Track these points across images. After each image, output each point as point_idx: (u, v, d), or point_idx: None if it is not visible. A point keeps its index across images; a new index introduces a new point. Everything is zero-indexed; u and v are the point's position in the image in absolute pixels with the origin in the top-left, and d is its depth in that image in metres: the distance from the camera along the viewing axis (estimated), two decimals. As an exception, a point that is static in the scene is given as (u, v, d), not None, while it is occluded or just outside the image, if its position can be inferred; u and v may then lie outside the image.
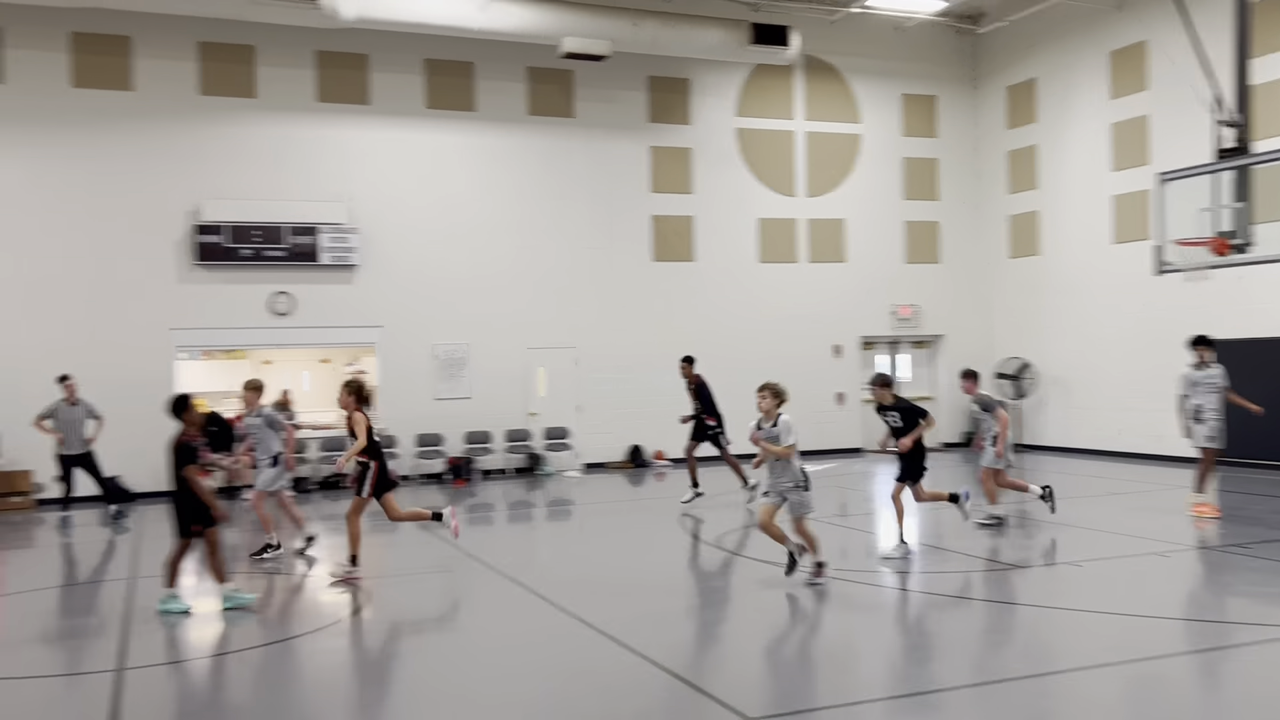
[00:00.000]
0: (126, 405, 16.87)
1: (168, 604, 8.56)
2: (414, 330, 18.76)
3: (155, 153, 17.30)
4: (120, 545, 12.79)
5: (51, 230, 16.72)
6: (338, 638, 8.03)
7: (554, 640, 7.66)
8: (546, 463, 19.49)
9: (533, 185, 19.66)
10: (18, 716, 6.19)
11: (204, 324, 17.65)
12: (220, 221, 17.48)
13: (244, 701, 6.54)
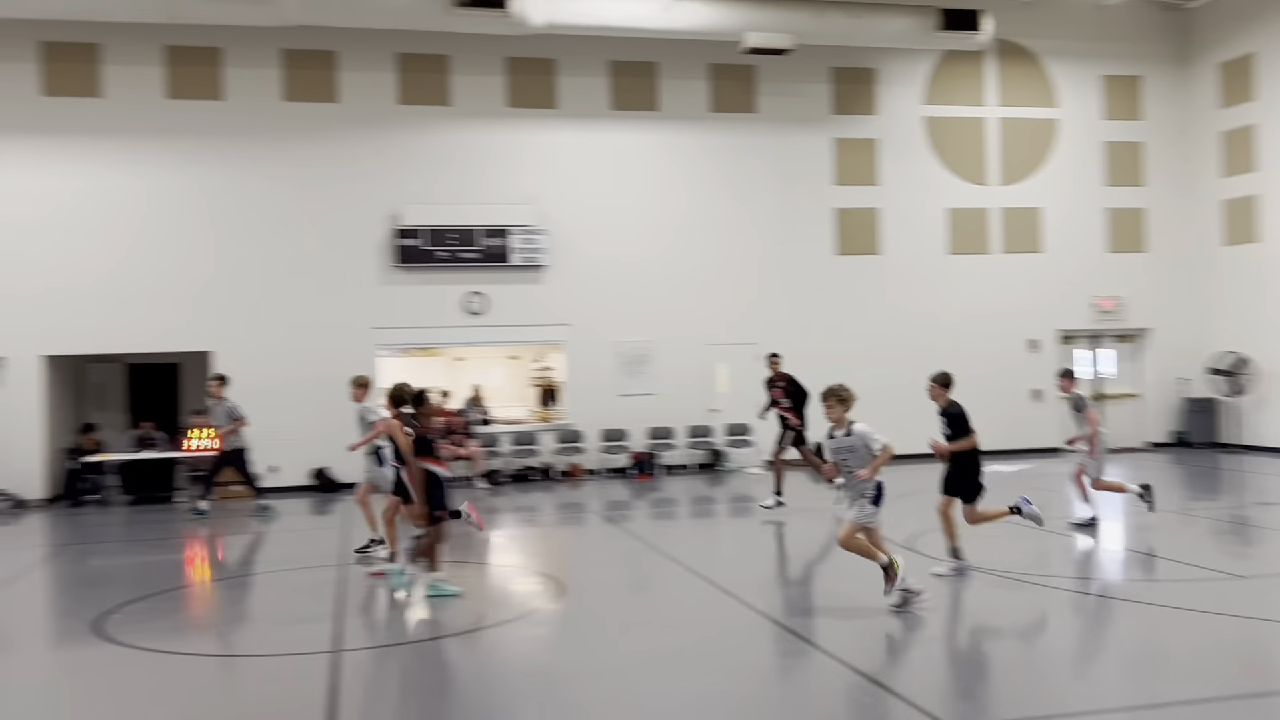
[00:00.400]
0: (334, 400, 17.88)
1: (438, 588, 8.90)
2: (599, 328, 19.09)
3: (358, 161, 18.22)
4: (322, 532, 13.52)
5: (264, 235, 17.83)
6: (536, 627, 8.24)
7: (739, 636, 7.63)
8: (728, 459, 19.48)
9: (715, 182, 19.68)
10: (244, 693, 6.62)
11: (403, 323, 18.48)
12: (418, 226, 18.26)
13: (448, 684, 6.79)
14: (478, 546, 11.70)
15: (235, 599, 10.00)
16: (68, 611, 9.40)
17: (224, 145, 17.72)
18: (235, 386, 17.49)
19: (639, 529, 12.98)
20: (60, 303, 17.00)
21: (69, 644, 8.17)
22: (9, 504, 16.53)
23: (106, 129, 17.26)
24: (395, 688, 6.73)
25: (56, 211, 17.07)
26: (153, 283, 17.32)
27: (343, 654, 7.33)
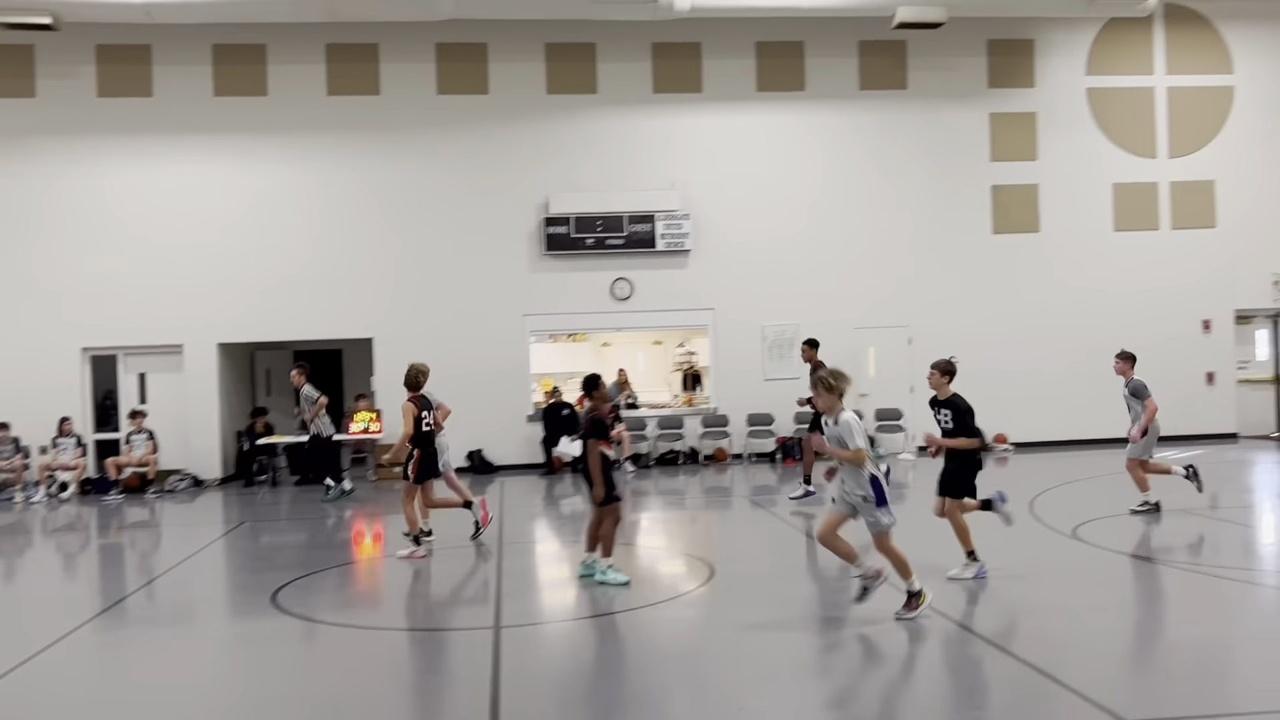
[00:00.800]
0: (487, 384, 18.38)
1: (606, 575, 8.93)
2: (744, 311, 18.99)
3: (509, 151, 18.57)
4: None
5: (420, 225, 18.38)
6: (685, 609, 8.26)
7: (885, 620, 7.47)
8: (878, 444, 19.11)
9: (863, 161, 19.29)
10: (412, 665, 6.86)
11: (552, 309, 18.79)
12: (566, 213, 18.51)
13: (602, 662, 6.87)
14: (626, 529, 11.80)
15: (398, 576, 10.37)
16: (245, 585, 9.92)
17: (381, 139, 18.32)
18: (393, 371, 18.13)
19: (786, 514, 12.86)
20: (232, 293, 17.93)
21: (248, 616, 8.62)
22: (188, 483, 17.57)
23: (272, 126, 18.07)
24: (553, 664, 6.86)
25: (228, 206, 18.00)
26: (317, 273, 18.09)
27: (502, 630, 7.51)
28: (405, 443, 10.75)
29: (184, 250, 17.85)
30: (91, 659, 7.47)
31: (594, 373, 9.52)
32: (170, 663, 7.22)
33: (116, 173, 17.76)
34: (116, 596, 9.49)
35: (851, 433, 7.44)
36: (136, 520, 14.49)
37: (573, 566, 10.11)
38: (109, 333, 17.82)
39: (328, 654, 7.29)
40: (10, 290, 17.53)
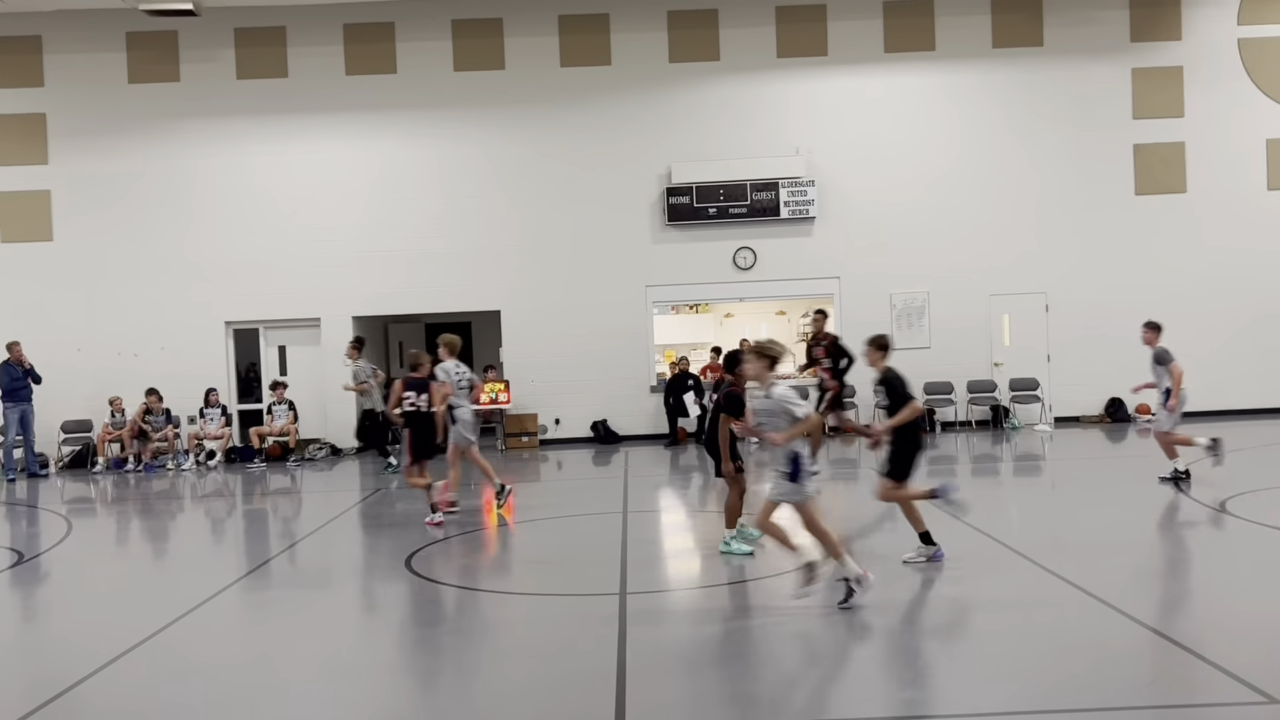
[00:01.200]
0: (611, 355, 18.51)
1: (731, 545, 8.94)
2: (872, 280, 18.60)
3: (631, 122, 18.56)
4: (602, 481, 13.99)
5: (545, 198, 18.54)
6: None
7: (1036, 600, 7.23)
8: (1013, 415, 18.54)
9: (995, 122, 18.62)
10: (541, 628, 6.95)
11: (674, 280, 18.75)
12: (688, 183, 18.42)
13: (727, 631, 6.84)
14: (751, 501, 11.72)
15: (527, 542, 10.54)
16: (379, 550, 10.23)
17: (506, 113, 18.52)
18: (520, 343, 18.47)
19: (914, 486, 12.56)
20: (366, 267, 18.45)
21: (383, 579, 8.88)
22: (326, 452, 18.21)
23: (402, 103, 18.45)
24: (678, 631, 6.86)
25: (360, 182, 18.49)
26: (445, 246, 18.46)
27: (629, 596, 7.56)
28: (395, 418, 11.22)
29: (320, 227, 18.42)
30: (238, 617, 7.82)
31: (735, 349, 9.42)
32: (310, 622, 7.50)
33: (256, 152, 18.42)
34: (261, 559, 9.91)
35: (793, 404, 6.87)
36: (278, 487, 15.11)
37: (696, 536, 10.12)
38: (251, 307, 18.57)
39: (459, 616, 7.45)
40: (161, 267, 18.39)
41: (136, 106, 18.36)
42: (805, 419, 6.85)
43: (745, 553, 8.82)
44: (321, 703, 5.70)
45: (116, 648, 6.67)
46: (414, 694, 5.79)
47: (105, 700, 5.88)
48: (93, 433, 18.08)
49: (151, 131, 18.36)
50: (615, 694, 5.50)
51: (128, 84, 18.36)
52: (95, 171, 18.34)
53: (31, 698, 5.87)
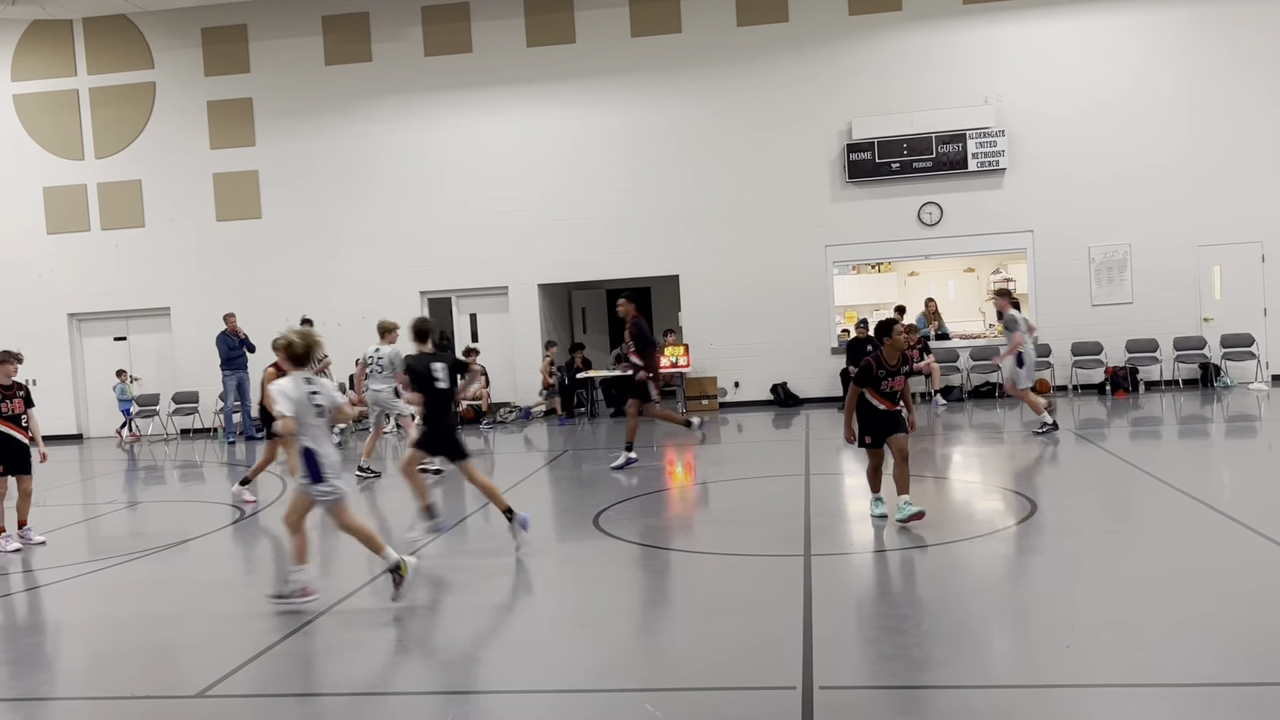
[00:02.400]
0: (790, 317, 18.35)
1: (873, 508, 8.82)
2: (1067, 233, 17.72)
3: (809, 78, 18.23)
4: (782, 444, 13.92)
5: (722, 160, 18.45)
6: (1002, 544, 7.92)
7: (1245, 563, 6.79)
8: (1225, 374, 17.36)
9: (1205, 59, 17.32)
10: (728, 586, 7.02)
11: (855, 239, 18.38)
12: (869, 138, 17.96)
13: (911, 593, 6.73)
14: (939, 462, 11.45)
15: (710, 502, 10.63)
16: (568, 509, 10.53)
17: (683, 77, 18.52)
18: (699, 306, 18.53)
19: (1118, 448, 11.98)
20: (550, 236, 18.88)
21: (572, 537, 9.15)
22: (516, 415, 18.84)
23: (581, 72, 18.71)
24: (863, 593, 6.80)
25: (543, 152, 18.90)
26: (625, 212, 18.68)
27: (813, 557, 7.53)
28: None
29: (505, 197, 18.95)
30: (438, 571, 8.21)
31: (890, 317, 9.04)
32: (504, 577, 7.80)
33: (443, 126, 19.08)
34: (457, 517, 10.37)
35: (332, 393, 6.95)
36: (471, 449, 15.68)
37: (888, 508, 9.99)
38: (443, 277, 19.33)
39: (647, 573, 7.61)
40: (358, 240, 19.36)
41: (333, 87, 19.31)
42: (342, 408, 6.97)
43: (878, 515, 8.62)
44: (519, 658, 5.94)
45: (329, 599, 7.13)
46: (602, 648, 5.96)
47: (316, 649, 6.30)
48: (302, 398, 19.26)
49: (347, 110, 19.28)
50: (802, 651, 5.51)
51: (324, 66, 19.33)
52: (297, 151, 19.43)
53: (254, 645, 6.36)
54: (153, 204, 19.90)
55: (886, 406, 8.27)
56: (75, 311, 20.22)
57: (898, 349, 8.30)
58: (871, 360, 8.28)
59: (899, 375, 8.27)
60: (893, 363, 8.27)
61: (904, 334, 8.34)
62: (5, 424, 9.43)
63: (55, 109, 20.01)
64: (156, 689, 5.66)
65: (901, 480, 8.33)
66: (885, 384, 8.23)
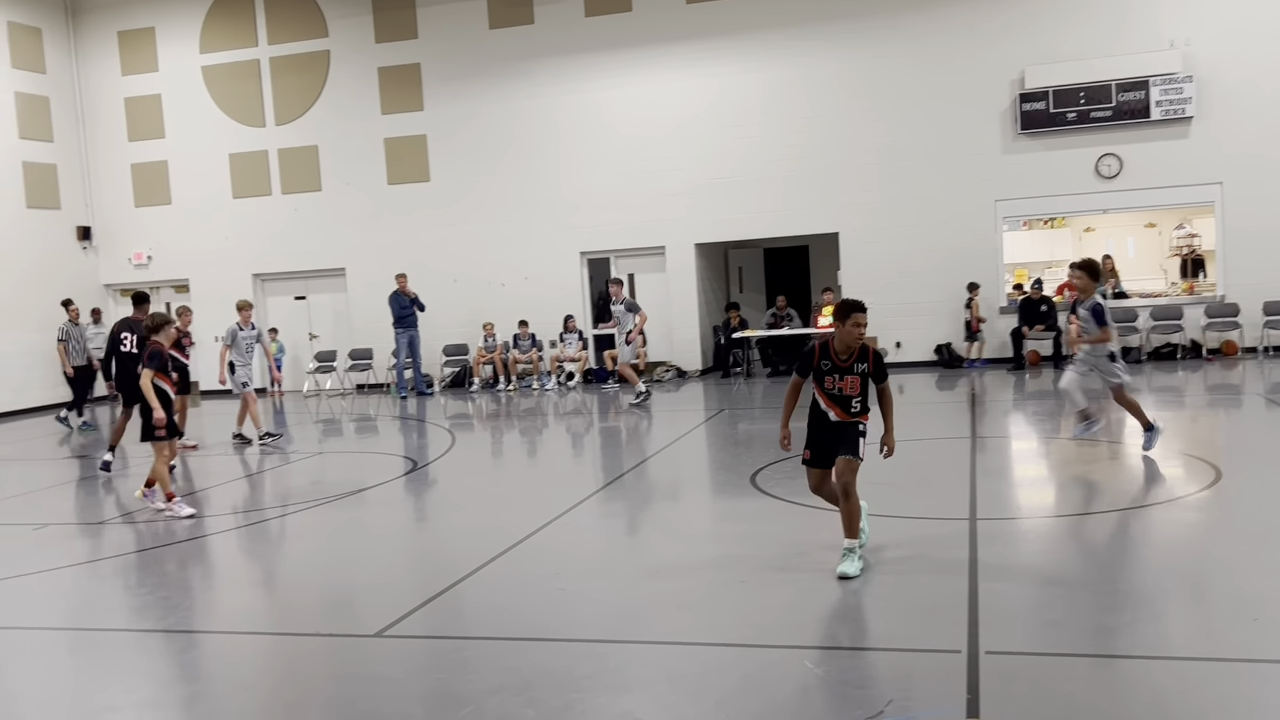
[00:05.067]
0: (957, 275, 17.80)
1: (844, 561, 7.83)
2: (1262, 185, 16.54)
3: (978, 26, 17.50)
4: (945, 406, 13.55)
5: (884, 113, 17.95)
6: (1184, 512, 7.54)
7: None
8: None
9: None
10: (889, 546, 6.93)
11: (1027, 194, 17.63)
12: (1044, 87, 17.15)
13: (1089, 559, 6.47)
14: (1114, 427, 10.95)
15: (869, 464, 10.46)
16: (726, 466, 10.56)
17: (845, 28, 18.06)
18: (858, 264, 18.18)
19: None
20: (706, 195, 18.82)
21: (730, 494, 9.19)
22: (673, 374, 18.97)
23: (739, 27, 18.46)
24: (1032, 558, 6.60)
25: (700, 110, 18.79)
26: (783, 170, 18.42)
27: (979, 521, 7.35)
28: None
29: (662, 156, 18.96)
30: (597, 525, 8.40)
31: (852, 299, 6.64)
32: (662, 532, 7.91)
33: (602, 87, 19.20)
34: (615, 473, 10.55)
35: None
36: (630, 406, 15.93)
37: (1050, 462, 9.65)
38: (601, 236, 19.54)
39: (805, 532, 7.58)
40: (521, 202, 19.75)
41: (496, 50, 19.67)
42: None
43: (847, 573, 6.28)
44: (677, 610, 6.02)
45: (494, 548, 7.39)
46: (759, 604, 5.98)
47: (484, 595, 6.55)
48: (469, 355, 19.92)
49: (509, 74, 19.61)
50: (967, 616, 5.40)
51: (488, 30, 19.69)
52: (463, 114, 19.91)
53: (426, 589, 6.65)
54: (328, 169, 20.79)
55: (837, 414, 6.47)
56: (259, 272, 21.37)
57: (849, 342, 6.37)
58: (816, 346, 6.51)
59: (851, 375, 6.36)
60: (843, 356, 6.40)
61: (861, 326, 6.36)
62: (170, 386, 9.50)
63: (239, 79, 21.09)
64: (338, 628, 6.00)
65: (848, 520, 6.44)
66: (830, 382, 6.43)
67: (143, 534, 8.78)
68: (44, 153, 20.97)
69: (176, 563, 7.93)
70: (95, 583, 7.60)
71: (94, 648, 6.00)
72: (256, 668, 5.62)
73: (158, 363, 9.25)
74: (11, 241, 19.98)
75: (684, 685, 4.90)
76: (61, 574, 7.71)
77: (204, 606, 6.77)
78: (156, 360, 9.25)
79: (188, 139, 21.39)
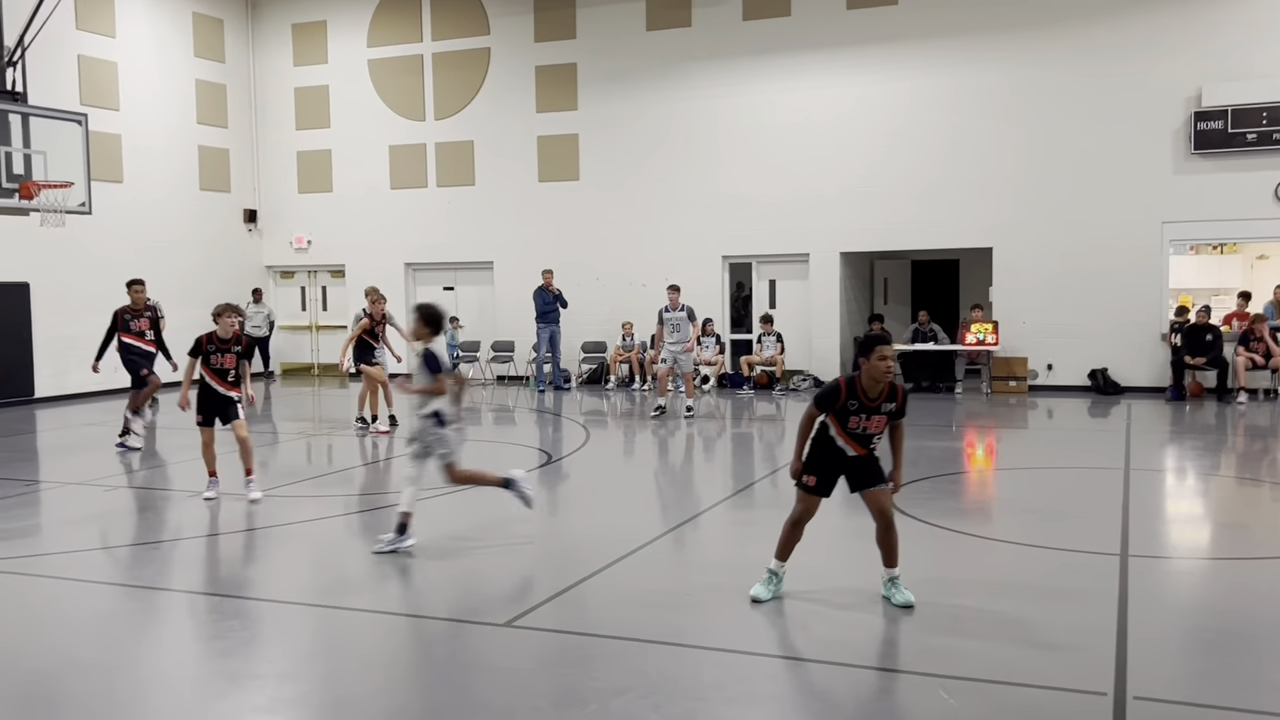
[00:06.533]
0: (1115, 298, 17.03)
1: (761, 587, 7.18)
2: None
3: (1151, 39, 16.69)
4: (1099, 435, 12.96)
5: (1044, 127, 17.28)
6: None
7: None
8: None
9: None
10: (1035, 576, 6.64)
11: (1197, 217, 16.73)
12: (1222, 105, 16.23)
13: (1242, 609, 6.07)
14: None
15: (1012, 489, 10.11)
16: (861, 481, 10.33)
17: (1007, 39, 17.48)
18: (1012, 282, 17.58)
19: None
20: (855, 203, 18.48)
21: (864, 511, 8.97)
22: (810, 383, 18.70)
23: (900, 35, 18.06)
24: (1187, 600, 6.23)
25: (854, 118, 18.47)
26: (936, 182, 17.95)
27: (1130, 558, 6.99)
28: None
29: (812, 163, 18.72)
30: (727, 532, 8.34)
31: (875, 332, 6.38)
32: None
33: (756, 91, 19.07)
34: (746, 480, 10.47)
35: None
36: (765, 414, 15.80)
37: (1212, 501, 9.14)
38: (745, 242, 19.43)
39: (940, 555, 7.34)
40: (667, 203, 19.80)
41: (652, 52, 19.77)
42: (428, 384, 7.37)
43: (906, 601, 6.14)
44: (808, 625, 5.91)
45: (624, 547, 7.41)
46: (890, 626, 5.82)
47: (612, 593, 6.56)
48: (606, 353, 20.09)
49: (665, 75, 19.69)
50: (1115, 657, 5.13)
51: (645, 31, 19.81)
52: (615, 115, 20.09)
53: (556, 583, 6.71)
54: (482, 164, 21.27)
55: (855, 450, 6.07)
56: (411, 261, 22.04)
57: (879, 379, 5.94)
58: (843, 383, 6.03)
59: (878, 415, 5.97)
60: (871, 396, 5.97)
61: (888, 360, 5.92)
62: (212, 377, 9.30)
63: (403, 73, 21.79)
64: (469, 615, 6.11)
65: (888, 549, 6.18)
66: (855, 422, 5.99)
67: (285, 508, 9.14)
68: (218, 138, 22.10)
69: (316, 539, 8.23)
70: (237, 552, 7.94)
71: (237, 615, 6.25)
72: (390, 647, 5.76)
73: (194, 350, 9.34)
74: (186, 222, 21.12)
75: (811, 704, 4.80)
76: (217, 540, 8.09)
77: (341, 583, 6.98)
78: (194, 349, 9.35)
79: (351, 129, 22.21)
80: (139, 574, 7.25)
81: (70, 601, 6.66)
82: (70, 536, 8.36)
